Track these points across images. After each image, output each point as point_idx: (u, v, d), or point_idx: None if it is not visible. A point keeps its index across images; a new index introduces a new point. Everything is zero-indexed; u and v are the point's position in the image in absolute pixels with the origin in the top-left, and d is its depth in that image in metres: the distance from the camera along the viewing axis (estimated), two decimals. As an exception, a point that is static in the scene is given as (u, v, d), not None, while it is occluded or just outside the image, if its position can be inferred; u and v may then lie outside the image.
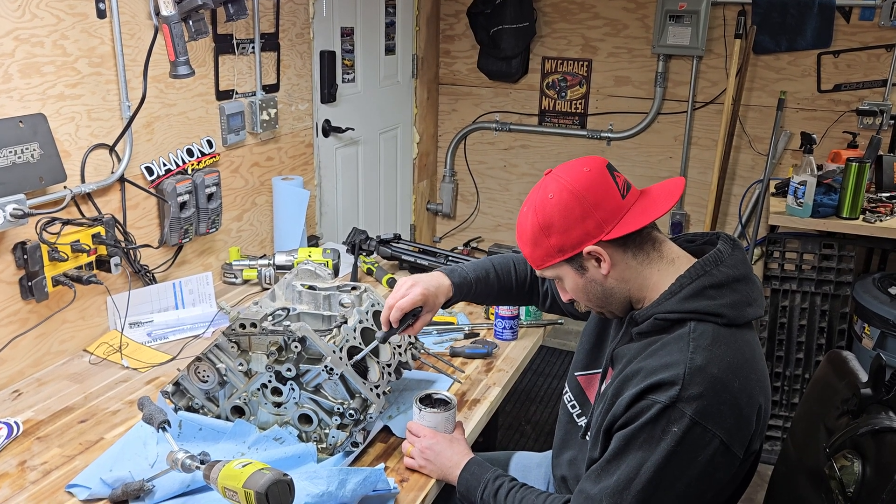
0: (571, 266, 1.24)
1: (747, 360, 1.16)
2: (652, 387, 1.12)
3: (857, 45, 3.19)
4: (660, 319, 1.19)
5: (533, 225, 1.23)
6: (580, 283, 1.26)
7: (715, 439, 1.10)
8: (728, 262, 1.21)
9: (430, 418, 1.41)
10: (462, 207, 4.11)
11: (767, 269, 2.81)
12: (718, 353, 1.13)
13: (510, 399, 3.22)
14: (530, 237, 1.25)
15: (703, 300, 1.17)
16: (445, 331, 1.96)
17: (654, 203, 1.22)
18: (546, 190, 1.22)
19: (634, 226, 1.19)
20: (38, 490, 1.32)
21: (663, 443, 1.10)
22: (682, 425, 1.09)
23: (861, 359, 1.39)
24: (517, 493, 1.29)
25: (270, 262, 2.23)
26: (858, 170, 2.57)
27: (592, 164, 1.23)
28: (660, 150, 3.63)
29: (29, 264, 1.64)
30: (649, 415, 1.11)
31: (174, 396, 1.47)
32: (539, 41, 3.68)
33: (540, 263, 1.27)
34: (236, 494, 1.08)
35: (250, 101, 2.36)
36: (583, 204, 1.19)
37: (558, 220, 1.20)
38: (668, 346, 1.16)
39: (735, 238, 1.27)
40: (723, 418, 1.10)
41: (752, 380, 1.15)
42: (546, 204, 1.21)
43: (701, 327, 1.16)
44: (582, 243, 1.20)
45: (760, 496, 1.48)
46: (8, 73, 1.59)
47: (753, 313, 1.20)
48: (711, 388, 1.10)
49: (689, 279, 1.19)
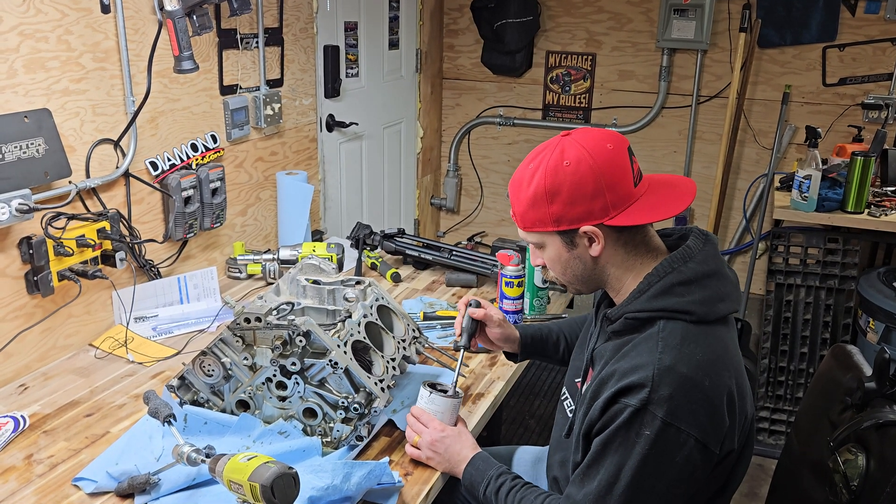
0: (562, 238, 1.20)
1: (719, 357, 1.14)
2: (623, 390, 1.11)
3: (862, 38, 3.17)
4: (630, 319, 1.18)
5: (538, 187, 1.16)
6: (564, 257, 1.22)
7: (690, 439, 1.09)
8: (698, 258, 1.18)
9: (440, 402, 1.40)
10: (466, 202, 4.11)
11: (772, 264, 2.80)
12: (687, 352, 1.11)
13: (514, 393, 3.22)
14: (530, 197, 1.18)
15: (671, 298, 1.15)
16: (449, 325, 1.96)
17: (663, 201, 1.18)
18: (563, 154, 1.15)
19: (640, 219, 1.17)
20: (45, 483, 1.33)
21: (638, 446, 1.09)
22: (655, 427, 1.08)
23: (866, 353, 1.39)
24: (517, 493, 1.29)
25: (275, 256, 2.24)
26: (863, 164, 2.56)
27: (616, 142, 1.16)
28: (664, 144, 3.62)
29: (34, 259, 1.65)
30: (622, 419, 1.10)
31: (179, 390, 1.47)
32: (543, 35, 3.68)
33: (530, 226, 1.21)
34: (241, 487, 1.09)
35: (254, 96, 2.36)
36: (598, 182, 1.13)
37: (567, 190, 1.14)
38: (638, 346, 1.15)
39: (708, 233, 1.24)
40: (695, 417, 1.09)
41: (723, 377, 1.13)
42: (559, 170, 1.14)
43: (670, 325, 1.14)
44: (582, 221, 1.16)
45: (764, 490, 1.49)
46: (13, 68, 1.59)
47: (725, 309, 1.18)
48: (681, 388, 1.08)
49: (657, 277, 1.17)
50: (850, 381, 1.33)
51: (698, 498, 1.21)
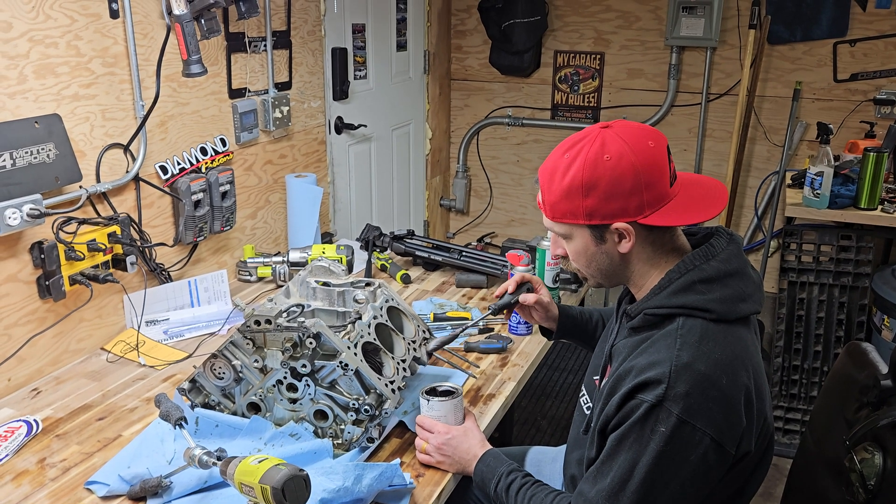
0: (591, 232, 1.18)
1: (737, 356, 1.13)
2: (640, 386, 1.10)
3: (873, 33, 3.15)
4: (649, 314, 1.17)
5: (574, 178, 1.14)
6: (590, 251, 1.21)
7: (705, 437, 1.08)
8: (721, 257, 1.17)
9: (440, 407, 1.40)
10: (475, 203, 4.11)
11: (784, 262, 2.78)
12: (706, 350, 1.10)
13: (525, 394, 3.21)
14: (564, 188, 1.15)
15: (691, 295, 1.14)
16: (460, 326, 1.95)
17: (697, 204, 1.17)
18: (604, 147, 1.13)
19: (673, 220, 1.15)
20: (58, 487, 1.34)
21: (652, 443, 1.09)
22: (670, 424, 1.07)
23: (881, 350, 1.37)
24: (528, 490, 1.28)
25: (285, 259, 2.24)
26: (876, 160, 2.54)
27: (657, 140, 1.15)
28: (674, 142, 3.61)
29: (46, 264, 1.66)
30: (637, 414, 1.09)
31: (191, 393, 1.47)
32: (551, 35, 3.67)
33: (559, 217, 1.19)
34: (253, 490, 1.09)
35: (263, 99, 2.37)
36: (637, 179, 1.12)
37: (605, 185, 1.12)
38: (657, 342, 1.14)
39: (732, 232, 1.23)
40: (711, 416, 1.08)
41: (741, 376, 1.12)
42: (599, 164, 1.12)
43: (689, 323, 1.13)
44: (616, 217, 1.15)
45: (779, 490, 1.47)
46: (23, 74, 1.60)
47: (747, 309, 1.17)
48: (698, 386, 1.08)
49: (678, 273, 1.17)
50: (866, 380, 1.32)
51: (714, 499, 1.20)
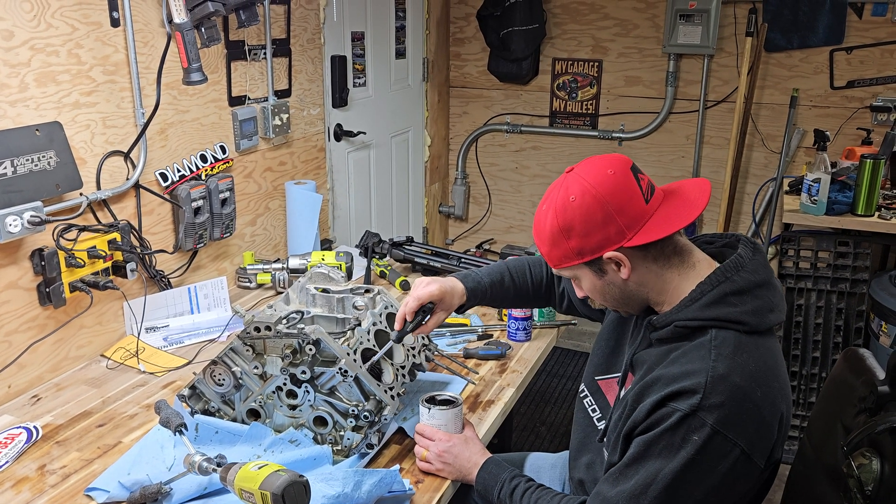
0: (590, 268, 1.22)
1: (769, 368, 1.14)
2: (673, 394, 1.11)
3: (870, 40, 3.17)
4: (680, 327, 1.18)
5: (552, 226, 1.21)
6: (598, 285, 1.25)
7: (736, 448, 1.09)
8: (749, 268, 1.18)
9: (441, 416, 1.41)
10: (474, 209, 4.11)
11: (782, 268, 2.79)
12: (741, 362, 1.11)
13: (524, 400, 3.22)
14: (549, 237, 1.22)
15: (724, 307, 1.15)
16: (459, 332, 1.96)
17: (679, 211, 1.19)
18: (568, 191, 1.19)
19: (657, 234, 1.17)
20: (58, 494, 1.34)
21: (683, 451, 1.09)
22: (703, 434, 1.08)
23: (878, 356, 1.37)
24: (533, 494, 1.29)
25: (284, 265, 2.24)
26: (873, 166, 2.55)
27: (617, 166, 1.19)
28: (672, 149, 3.62)
29: (46, 270, 1.66)
30: (669, 422, 1.10)
31: (190, 400, 1.48)
32: (549, 42, 3.68)
33: (557, 263, 1.26)
34: (253, 496, 1.09)
35: (262, 107, 2.38)
36: (605, 209, 1.16)
37: (579, 224, 1.18)
38: (689, 353, 1.15)
39: (755, 241, 1.24)
40: (744, 427, 1.09)
41: (774, 388, 1.13)
42: (567, 206, 1.18)
43: (722, 335, 1.14)
44: (602, 248, 1.18)
45: (778, 496, 1.47)
46: (24, 82, 1.61)
47: (776, 319, 1.18)
48: (733, 397, 1.09)
49: (709, 286, 1.17)
50: (864, 385, 1.32)
51: None
